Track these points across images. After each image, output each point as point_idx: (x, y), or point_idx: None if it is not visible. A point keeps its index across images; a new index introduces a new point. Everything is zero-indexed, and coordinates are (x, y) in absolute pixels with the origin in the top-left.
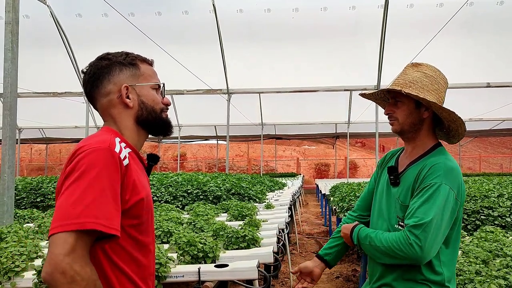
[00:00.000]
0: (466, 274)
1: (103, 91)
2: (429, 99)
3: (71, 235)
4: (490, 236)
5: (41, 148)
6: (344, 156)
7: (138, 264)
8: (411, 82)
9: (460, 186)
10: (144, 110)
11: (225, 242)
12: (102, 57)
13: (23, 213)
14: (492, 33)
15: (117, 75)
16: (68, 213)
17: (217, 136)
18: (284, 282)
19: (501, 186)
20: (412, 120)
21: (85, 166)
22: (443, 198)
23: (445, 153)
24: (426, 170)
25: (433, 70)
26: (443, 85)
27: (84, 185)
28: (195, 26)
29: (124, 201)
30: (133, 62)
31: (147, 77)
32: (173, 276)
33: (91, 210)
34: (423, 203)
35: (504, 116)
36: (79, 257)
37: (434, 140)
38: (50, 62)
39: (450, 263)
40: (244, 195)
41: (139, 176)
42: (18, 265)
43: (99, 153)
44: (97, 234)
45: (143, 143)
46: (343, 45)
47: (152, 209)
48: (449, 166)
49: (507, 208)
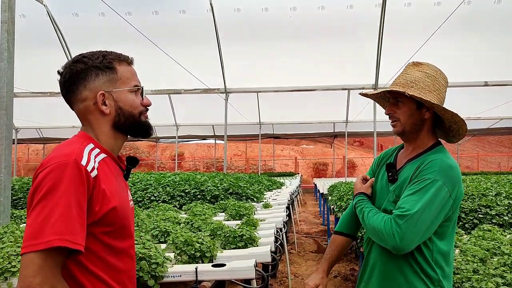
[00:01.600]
0: (463, 273)
1: (79, 97)
2: (431, 100)
3: (40, 256)
4: (488, 235)
5: (38, 148)
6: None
7: (114, 269)
8: (412, 82)
9: (456, 183)
10: (122, 116)
11: (223, 242)
12: (77, 60)
13: (20, 213)
14: (490, 31)
15: (93, 81)
16: (37, 232)
17: (215, 136)
18: (282, 282)
19: (499, 185)
20: (413, 120)
21: (51, 183)
22: (434, 193)
23: (445, 152)
24: (422, 166)
25: (434, 69)
26: (444, 85)
27: (51, 204)
28: (192, 25)
29: (94, 212)
30: (110, 66)
31: (125, 81)
32: (170, 276)
33: (57, 227)
34: (412, 195)
35: (502, 115)
36: (49, 276)
37: (434, 139)
38: (46, 61)
39: (445, 259)
40: (242, 195)
41: (112, 184)
42: (14, 265)
43: (65, 168)
44: (66, 249)
45: (121, 146)
46: (341, 44)
47: (131, 213)
48: (446, 164)
49: (505, 207)
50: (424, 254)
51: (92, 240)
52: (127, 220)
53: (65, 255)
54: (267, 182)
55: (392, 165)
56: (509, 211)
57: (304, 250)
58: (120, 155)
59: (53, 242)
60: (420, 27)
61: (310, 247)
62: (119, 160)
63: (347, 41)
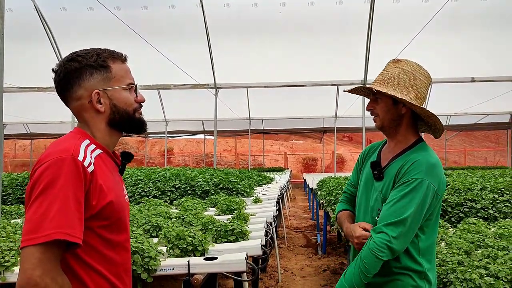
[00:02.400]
0: (448, 265)
1: (74, 96)
2: (405, 95)
3: (39, 249)
4: (473, 228)
5: (26, 143)
6: (331, 151)
7: (111, 262)
8: (389, 79)
9: (441, 180)
10: (117, 113)
11: (214, 236)
12: (72, 59)
13: (10, 209)
14: (477, 28)
15: (88, 80)
16: (36, 226)
17: (204, 131)
18: (272, 276)
19: (484, 179)
20: (391, 116)
21: (49, 178)
22: (424, 194)
23: (427, 149)
24: (408, 165)
25: (412, 66)
26: (423, 80)
27: (49, 198)
28: (182, 21)
29: (91, 206)
30: (104, 64)
31: (119, 79)
32: (163, 269)
33: (56, 221)
34: (402, 198)
35: (488, 111)
36: (49, 268)
37: (415, 136)
38: (34, 56)
39: (428, 252)
40: (232, 190)
41: (108, 179)
42: (8, 260)
43: (62, 163)
44: (65, 242)
45: (116, 142)
46: (330, 40)
47: (126, 207)
48: (431, 162)
49: (490, 201)
50: (409, 250)
51: (89, 233)
52: (123, 214)
53: (64, 248)
54: (257, 177)
55: (376, 163)
56: (494, 205)
57: (293, 245)
58: (114, 151)
59: (53, 235)
60: (409, 23)
61: (299, 242)
62: (114, 155)
63: (336, 37)
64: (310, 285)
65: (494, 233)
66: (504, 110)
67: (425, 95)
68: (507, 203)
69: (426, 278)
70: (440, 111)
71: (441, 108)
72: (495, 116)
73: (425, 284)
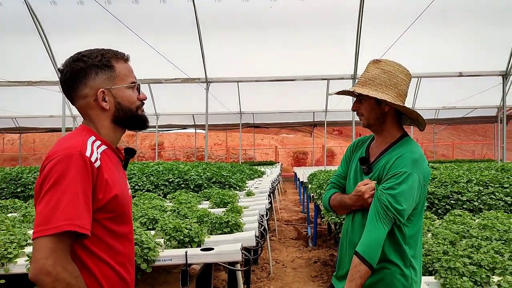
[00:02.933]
0: (434, 254)
1: (80, 94)
2: (386, 94)
3: (51, 239)
4: (458, 219)
5: (14, 138)
6: (321, 144)
7: (116, 252)
8: (370, 80)
9: (425, 172)
10: (121, 111)
11: (209, 228)
12: (77, 59)
13: (6, 203)
14: (465, 23)
15: (93, 79)
16: (47, 218)
17: (195, 125)
18: (264, 268)
19: (470, 172)
20: (375, 115)
21: (58, 173)
22: (411, 185)
23: (411, 143)
24: (393, 159)
25: (391, 65)
26: (403, 78)
27: (60, 192)
28: (173, 15)
29: (98, 200)
30: (109, 64)
31: (123, 78)
32: (161, 260)
33: (66, 213)
34: (391, 188)
35: (476, 105)
36: (60, 258)
37: (400, 131)
38: (24, 50)
39: (413, 241)
40: (225, 183)
41: (113, 173)
42: (10, 252)
43: (71, 159)
44: (74, 233)
45: (119, 138)
46: (321, 34)
47: (130, 201)
48: (415, 156)
49: (475, 193)
50: (396, 239)
51: (95, 225)
52: (127, 207)
53: (74, 239)
54: (249, 171)
55: (365, 159)
56: (479, 197)
57: (284, 237)
58: (118, 147)
59: (64, 226)
60: (399, 18)
61: (290, 234)
62: (118, 151)
63: (327, 31)
64: (301, 276)
65: (479, 224)
66: (491, 104)
67: (406, 92)
68: (491, 195)
69: (411, 265)
70: (428, 105)
71: (430, 102)
72: (483, 110)
73: (411, 271)
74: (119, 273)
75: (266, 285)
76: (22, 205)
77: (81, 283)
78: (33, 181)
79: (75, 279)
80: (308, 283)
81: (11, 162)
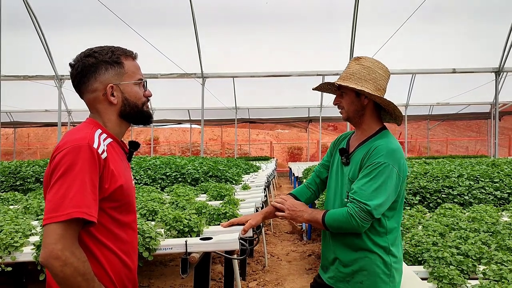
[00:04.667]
0: (424, 245)
1: (90, 88)
2: (366, 87)
3: (60, 226)
4: (448, 213)
5: (8, 132)
6: (316, 140)
7: (120, 240)
8: (351, 75)
9: (400, 164)
10: (127, 106)
11: (207, 219)
12: (89, 55)
13: (6, 195)
14: (459, 21)
15: (103, 74)
16: (57, 206)
17: (190, 120)
18: (259, 261)
19: (462, 167)
20: (355, 107)
21: (68, 163)
22: (386, 175)
23: (388, 136)
24: (371, 151)
25: (371, 61)
26: (382, 74)
27: (68, 181)
28: (169, 10)
29: (104, 189)
30: (118, 61)
31: (131, 74)
32: (162, 249)
33: (75, 201)
34: (367, 179)
35: (469, 101)
36: (69, 243)
37: (379, 124)
38: (20, 44)
39: (395, 230)
40: (221, 177)
41: (118, 165)
42: (17, 240)
43: (79, 150)
44: (82, 221)
45: (124, 132)
46: (316, 30)
47: (133, 191)
48: (391, 148)
49: (466, 187)
50: (376, 229)
51: (101, 214)
52: (131, 197)
53: (81, 226)
54: (245, 166)
55: (344, 150)
56: (470, 191)
57: (279, 231)
58: (122, 140)
59: (73, 214)
60: (393, 15)
61: (285, 228)
62: (123, 144)
63: (322, 27)
64: (295, 269)
65: (468, 217)
66: (485, 101)
67: (384, 87)
68: (481, 189)
69: (391, 253)
70: (422, 101)
71: (424, 98)
72: (476, 106)
73: (391, 258)
74: (124, 261)
75: (261, 277)
76: (22, 197)
77: (88, 268)
78: (32, 174)
79: (83, 263)
80: (303, 275)
81: (5, 156)
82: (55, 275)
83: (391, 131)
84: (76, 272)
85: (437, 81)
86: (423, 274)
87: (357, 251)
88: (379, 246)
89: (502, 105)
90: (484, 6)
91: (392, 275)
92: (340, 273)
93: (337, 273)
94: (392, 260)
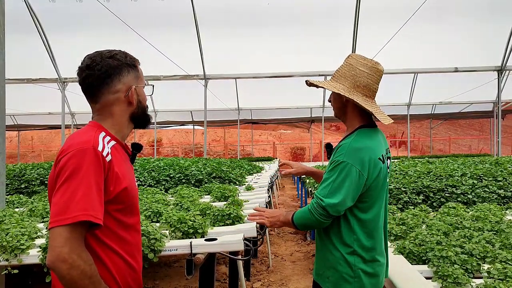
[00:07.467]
0: (428, 244)
1: (113, 89)
2: (342, 85)
3: (67, 229)
4: (452, 212)
5: (12, 135)
6: (319, 140)
7: (125, 242)
8: (337, 72)
9: (365, 163)
10: (140, 108)
11: (212, 220)
12: (111, 56)
13: (12, 198)
14: (461, 19)
15: (126, 76)
16: (63, 209)
17: (193, 121)
18: (264, 261)
19: (465, 166)
20: (337, 104)
21: (73, 166)
22: (345, 173)
23: (359, 135)
24: (336, 149)
25: (355, 58)
26: (364, 71)
27: (74, 184)
28: (171, 12)
29: (109, 192)
30: (135, 65)
31: (142, 78)
32: (167, 250)
33: (81, 204)
34: (327, 176)
35: (472, 100)
36: (75, 246)
37: (360, 122)
38: (23, 48)
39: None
40: (225, 178)
41: (122, 167)
42: (23, 243)
43: (84, 153)
44: (88, 223)
45: (128, 134)
46: (318, 31)
47: (137, 193)
48: (353, 146)
49: (469, 186)
50: (341, 228)
51: (106, 216)
52: (135, 199)
53: (87, 229)
54: (248, 167)
55: (328, 145)
56: (473, 190)
57: (283, 232)
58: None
59: (79, 217)
60: (395, 14)
61: (289, 229)
62: (126, 146)
63: (324, 28)
64: (299, 269)
65: (472, 216)
66: (487, 99)
67: (365, 84)
68: (485, 188)
69: (358, 254)
70: (425, 100)
71: (426, 97)
72: (479, 105)
73: (355, 259)
74: (129, 262)
75: (265, 278)
76: (27, 200)
77: (95, 270)
78: (36, 177)
79: (89, 266)
80: (307, 275)
81: (9, 159)
82: (62, 278)
83: (393, 129)
84: (83, 275)
85: (439, 80)
86: (428, 273)
87: (327, 247)
88: (343, 244)
89: (504, 104)
90: (486, 4)
91: (358, 276)
92: (317, 267)
93: (316, 267)
94: (356, 260)
